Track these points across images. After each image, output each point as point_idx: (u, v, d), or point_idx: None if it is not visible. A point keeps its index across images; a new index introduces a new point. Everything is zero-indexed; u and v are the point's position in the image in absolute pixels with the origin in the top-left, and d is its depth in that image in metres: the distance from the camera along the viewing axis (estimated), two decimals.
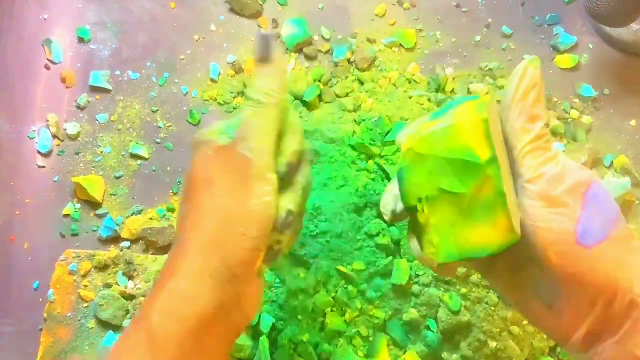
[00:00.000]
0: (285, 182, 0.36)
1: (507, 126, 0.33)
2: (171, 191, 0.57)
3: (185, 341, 0.32)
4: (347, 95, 0.58)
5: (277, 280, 0.52)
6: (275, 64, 0.36)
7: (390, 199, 0.38)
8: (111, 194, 0.57)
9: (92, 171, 0.58)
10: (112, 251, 0.55)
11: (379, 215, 0.53)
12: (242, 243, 0.33)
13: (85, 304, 0.53)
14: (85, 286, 0.53)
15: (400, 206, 0.36)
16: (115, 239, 0.56)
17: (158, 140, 0.59)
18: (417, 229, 0.35)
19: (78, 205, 0.57)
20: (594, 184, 0.32)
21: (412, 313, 0.50)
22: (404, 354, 0.51)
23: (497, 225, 0.32)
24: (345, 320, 0.51)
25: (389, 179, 0.53)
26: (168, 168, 0.58)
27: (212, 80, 0.60)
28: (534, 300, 0.35)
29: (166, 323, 0.32)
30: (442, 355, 0.50)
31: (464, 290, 0.51)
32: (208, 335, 0.33)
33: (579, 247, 0.31)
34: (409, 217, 0.36)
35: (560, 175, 0.32)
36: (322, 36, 0.61)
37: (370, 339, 0.51)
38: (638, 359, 0.30)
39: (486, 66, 0.60)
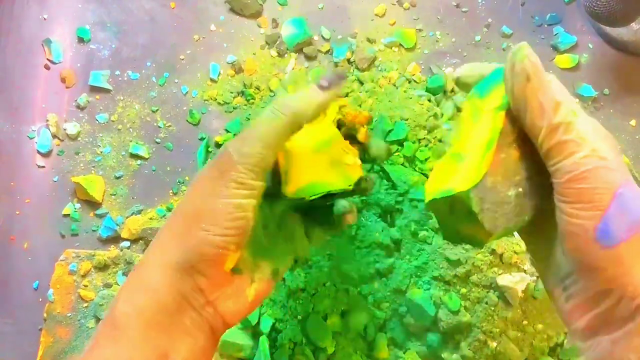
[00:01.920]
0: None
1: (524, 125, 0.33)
2: (171, 191, 0.57)
3: (146, 328, 0.33)
4: (347, 95, 0.58)
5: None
6: (322, 96, 0.36)
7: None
8: (111, 194, 0.57)
9: (92, 171, 0.58)
10: (112, 251, 0.55)
11: (379, 215, 0.53)
12: (205, 239, 0.34)
13: (85, 304, 0.53)
14: (85, 286, 0.53)
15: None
16: (115, 239, 0.56)
17: (158, 140, 0.59)
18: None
19: (78, 205, 0.57)
20: (624, 185, 0.31)
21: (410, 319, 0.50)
22: (404, 354, 0.51)
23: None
24: (345, 320, 0.51)
25: (389, 179, 0.53)
26: (168, 168, 0.58)
27: (212, 80, 0.60)
28: (556, 277, 0.35)
29: (126, 310, 0.33)
30: (442, 356, 0.50)
31: (464, 290, 0.51)
32: (173, 325, 0.34)
33: (596, 245, 0.31)
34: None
35: (583, 173, 0.31)
36: (322, 36, 0.61)
37: (371, 339, 0.51)
38: None
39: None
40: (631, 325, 0.31)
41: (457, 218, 0.34)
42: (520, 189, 0.34)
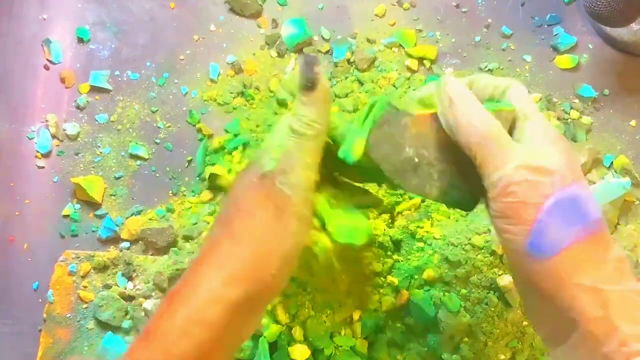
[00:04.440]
0: None
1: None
2: (171, 192, 0.57)
3: None
4: (347, 95, 0.58)
5: None
6: (319, 91, 0.35)
7: None
8: (111, 195, 0.57)
9: (92, 172, 0.58)
10: (112, 252, 0.54)
11: (379, 215, 0.53)
12: (269, 280, 0.34)
13: (85, 305, 0.53)
14: (85, 287, 0.53)
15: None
16: (114, 240, 0.56)
17: (158, 140, 0.59)
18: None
19: (78, 206, 0.57)
20: (559, 193, 0.30)
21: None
22: (403, 354, 0.51)
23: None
24: (345, 320, 0.51)
25: None
26: (168, 168, 0.58)
27: (212, 81, 0.60)
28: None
29: (183, 344, 0.32)
30: (442, 356, 0.50)
31: (464, 291, 0.50)
32: (216, 352, 0.34)
33: (529, 259, 0.31)
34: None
35: (510, 186, 0.31)
36: (322, 36, 0.61)
37: (371, 339, 0.51)
38: None
39: (486, 66, 0.60)
40: (575, 336, 0.31)
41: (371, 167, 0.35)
42: (416, 159, 0.35)
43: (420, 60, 0.60)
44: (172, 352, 0.32)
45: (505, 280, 0.50)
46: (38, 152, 0.58)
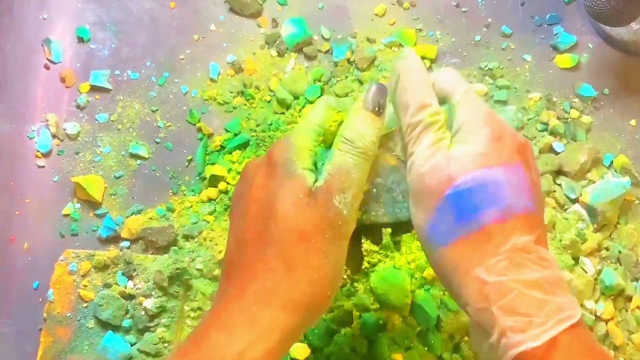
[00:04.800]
0: None
1: None
2: (171, 191, 0.57)
3: None
4: (347, 95, 0.58)
5: None
6: (382, 117, 0.34)
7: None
8: (111, 194, 0.57)
9: (92, 171, 0.58)
10: (112, 251, 0.54)
11: None
12: (325, 303, 0.33)
13: (85, 304, 0.53)
14: (85, 286, 0.53)
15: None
16: (115, 239, 0.56)
17: (158, 140, 0.59)
18: None
19: (78, 205, 0.57)
20: (463, 179, 0.30)
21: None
22: (404, 354, 0.51)
23: None
24: (345, 320, 0.51)
25: None
26: (168, 168, 0.58)
27: (212, 80, 0.60)
28: None
29: (239, 347, 0.30)
30: (442, 356, 0.50)
31: None
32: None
33: (429, 246, 0.32)
34: None
35: (421, 169, 0.31)
36: (322, 36, 0.61)
37: (371, 338, 0.51)
38: None
39: (486, 66, 0.60)
40: (471, 324, 0.31)
41: None
42: (374, 189, 0.35)
43: (421, 59, 0.60)
44: (225, 355, 0.30)
45: None
46: (38, 151, 0.58)
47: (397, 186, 0.35)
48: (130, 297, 0.53)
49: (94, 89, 0.60)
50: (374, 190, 0.35)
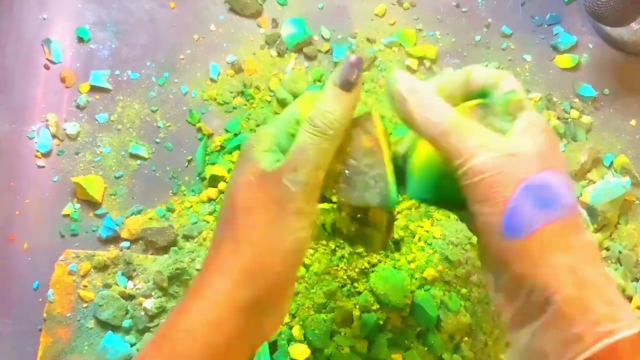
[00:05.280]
0: None
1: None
2: (171, 191, 0.57)
3: None
4: None
5: None
6: (352, 95, 0.34)
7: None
8: (111, 194, 0.57)
9: (92, 171, 0.58)
10: (112, 251, 0.54)
11: None
12: (274, 278, 0.33)
13: (85, 304, 0.53)
14: (85, 286, 0.53)
15: None
16: (114, 239, 0.56)
17: (158, 140, 0.59)
18: None
19: (78, 205, 0.57)
20: (532, 177, 0.31)
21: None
22: (404, 354, 0.51)
23: None
24: (345, 320, 0.51)
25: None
26: (168, 168, 0.58)
27: (212, 80, 0.60)
28: (486, 275, 0.36)
29: (191, 345, 0.32)
30: (443, 356, 0.50)
31: (464, 290, 0.50)
32: (227, 357, 0.33)
33: (503, 239, 0.31)
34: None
35: (488, 170, 0.31)
36: (322, 36, 0.61)
37: (371, 338, 0.51)
38: (545, 354, 0.30)
39: (486, 66, 0.60)
40: (545, 316, 0.31)
41: None
42: (347, 171, 0.35)
43: (421, 59, 0.60)
44: (181, 354, 0.32)
45: None
46: (38, 151, 0.58)
47: (370, 169, 0.34)
48: (130, 297, 0.53)
49: (94, 89, 0.60)
50: (346, 171, 0.35)
